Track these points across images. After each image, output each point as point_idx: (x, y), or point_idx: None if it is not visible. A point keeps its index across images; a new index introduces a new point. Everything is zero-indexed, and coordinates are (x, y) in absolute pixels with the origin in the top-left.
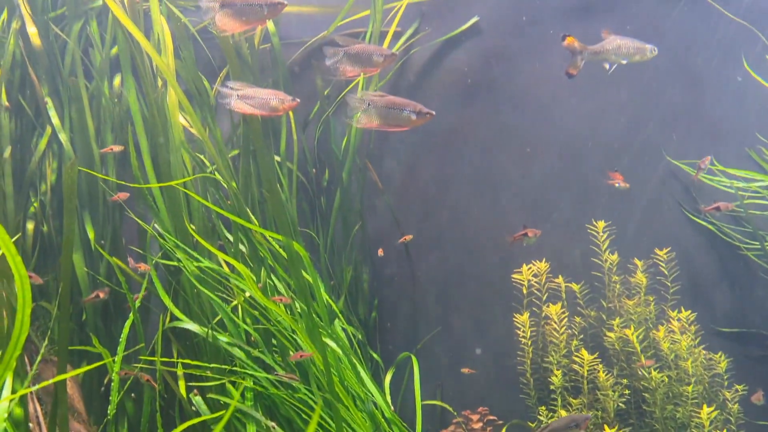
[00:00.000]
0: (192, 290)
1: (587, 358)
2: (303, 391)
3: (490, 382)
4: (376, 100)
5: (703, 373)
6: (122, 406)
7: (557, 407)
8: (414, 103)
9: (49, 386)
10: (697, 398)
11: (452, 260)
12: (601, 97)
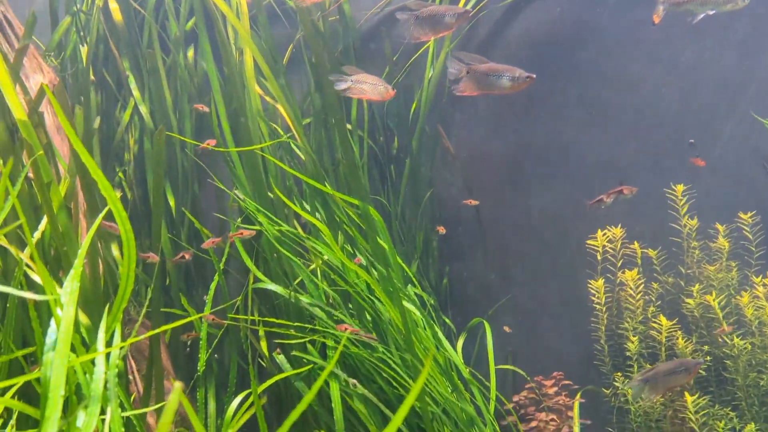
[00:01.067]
0: (272, 254)
1: (665, 324)
2: (381, 351)
3: (563, 349)
4: (476, 67)
5: None
6: (209, 365)
7: (633, 374)
8: (513, 68)
9: (141, 347)
10: None
11: (525, 227)
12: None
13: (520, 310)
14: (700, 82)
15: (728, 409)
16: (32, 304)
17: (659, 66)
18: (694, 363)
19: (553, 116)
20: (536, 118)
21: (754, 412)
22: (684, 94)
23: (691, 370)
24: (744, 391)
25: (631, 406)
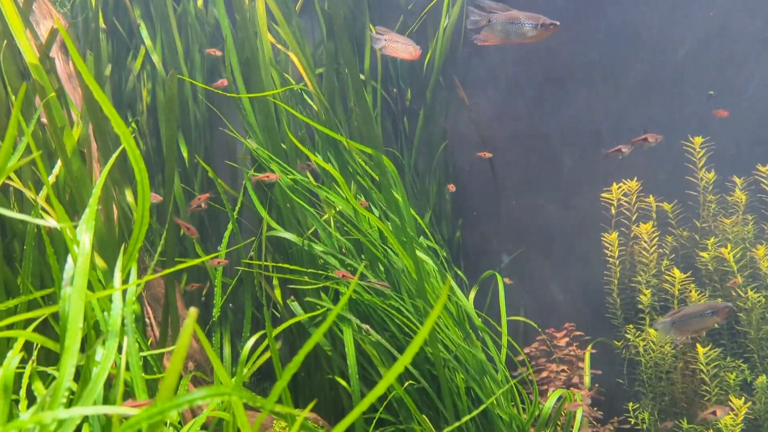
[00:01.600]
0: (285, 204)
1: (678, 277)
2: (394, 298)
3: (575, 303)
4: (497, 16)
5: None
6: (224, 313)
7: (645, 326)
8: (536, 15)
9: (157, 296)
10: None
11: (538, 181)
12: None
13: (533, 264)
14: (717, 32)
15: (740, 361)
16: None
17: (678, 15)
18: (723, 306)
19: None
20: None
21: (766, 364)
22: (701, 45)
23: (719, 313)
24: (756, 344)
25: (642, 358)
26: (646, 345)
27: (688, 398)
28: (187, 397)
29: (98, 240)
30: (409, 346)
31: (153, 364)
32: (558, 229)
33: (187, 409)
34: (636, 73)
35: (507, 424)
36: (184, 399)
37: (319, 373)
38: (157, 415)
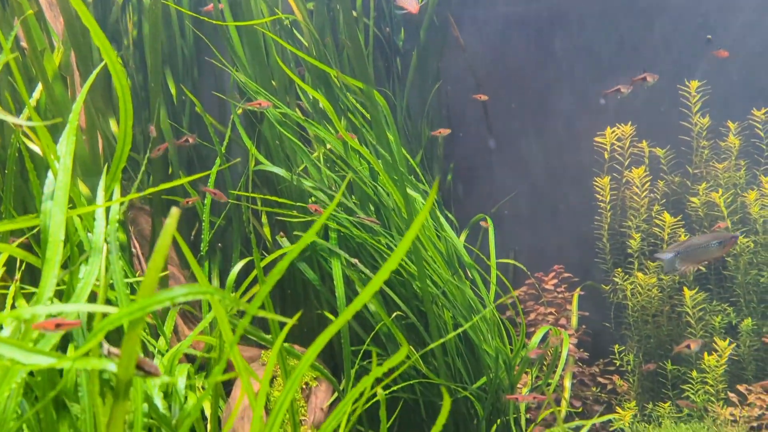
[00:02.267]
0: (274, 141)
1: (668, 221)
2: (384, 235)
3: (564, 247)
4: None
5: None
6: (213, 250)
7: (634, 270)
8: None
9: (144, 232)
10: None
11: (532, 125)
12: None
13: (524, 208)
14: None
15: (726, 305)
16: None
17: None
18: (729, 236)
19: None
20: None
21: (752, 308)
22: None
23: (725, 243)
24: (743, 288)
25: (629, 302)
26: (633, 288)
27: (673, 341)
28: (167, 293)
29: (82, 167)
30: (387, 261)
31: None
32: (551, 174)
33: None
34: (635, 17)
35: (493, 359)
36: (165, 296)
37: (308, 310)
38: (138, 311)
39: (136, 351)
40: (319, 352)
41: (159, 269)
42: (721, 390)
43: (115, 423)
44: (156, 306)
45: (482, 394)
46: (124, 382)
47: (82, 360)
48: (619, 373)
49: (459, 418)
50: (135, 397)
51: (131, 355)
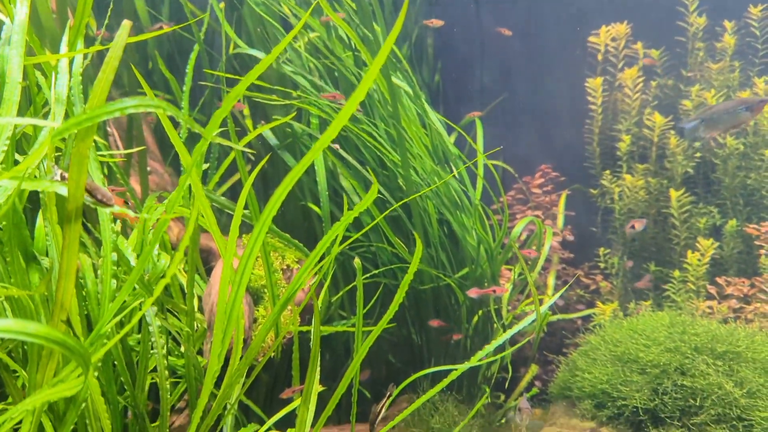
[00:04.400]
0: (256, 29)
1: (659, 122)
2: (367, 123)
3: (553, 149)
4: None
5: None
6: (191, 136)
7: (622, 173)
8: None
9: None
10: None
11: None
12: None
13: (514, 111)
14: None
15: (712, 207)
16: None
17: None
18: (757, 101)
19: None
20: None
21: (737, 210)
22: None
23: (753, 108)
24: (729, 191)
25: (616, 205)
26: (621, 191)
27: (658, 243)
28: (117, 104)
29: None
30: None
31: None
32: (541, 76)
33: None
34: None
35: (475, 248)
36: (115, 107)
37: (292, 204)
38: (86, 120)
39: (85, 170)
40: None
41: (109, 81)
42: (701, 287)
43: (70, 246)
44: (105, 116)
45: (464, 283)
46: (74, 204)
47: (31, 182)
48: (603, 275)
49: (440, 305)
50: (105, 248)
51: (80, 171)
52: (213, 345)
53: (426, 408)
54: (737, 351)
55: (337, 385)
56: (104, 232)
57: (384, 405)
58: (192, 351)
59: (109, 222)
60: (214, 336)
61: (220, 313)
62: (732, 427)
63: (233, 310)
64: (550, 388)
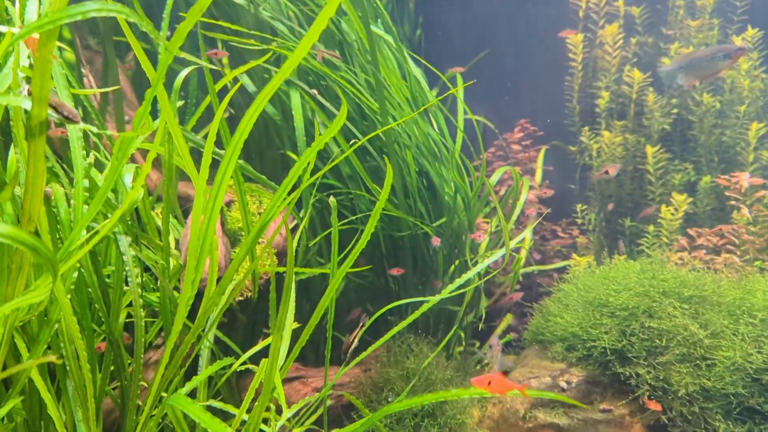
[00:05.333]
0: None
1: (637, 78)
2: (345, 70)
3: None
4: None
5: (758, 96)
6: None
7: (601, 129)
8: None
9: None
10: (747, 120)
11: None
12: None
13: (496, 68)
14: None
15: (687, 164)
16: None
17: None
18: (735, 48)
19: None
20: None
21: (712, 167)
22: None
23: (731, 55)
24: (705, 148)
25: (594, 162)
26: (599, 148)
27: (634, 200)
28: (78, 7)
29: None
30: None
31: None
32: (523, 33)
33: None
34: None
35: (452, 197)
36: (77, 10)
37: (271, 151)
38: (48, 24)
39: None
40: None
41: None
42: (674, 240)
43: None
44: (66, 19)
45: (441, 232)
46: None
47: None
48: (581, 231)
49: (417, 253)
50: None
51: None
52: (186, 271)
53: (402, 350)
54: (703, 295)
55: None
56: (75, 157)
57: (356, 335)
58: (167, 284)
59: (80, 148)
60: (187, 263)
61: (193, 240)
62: (695, 366)
63: (206, 238)
64: (524, 335)
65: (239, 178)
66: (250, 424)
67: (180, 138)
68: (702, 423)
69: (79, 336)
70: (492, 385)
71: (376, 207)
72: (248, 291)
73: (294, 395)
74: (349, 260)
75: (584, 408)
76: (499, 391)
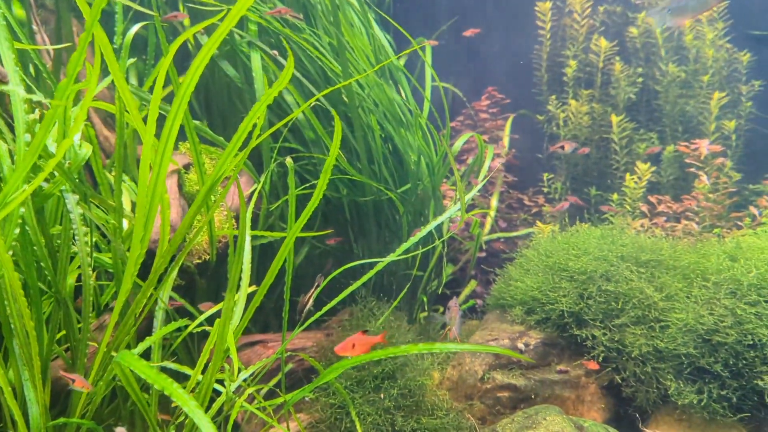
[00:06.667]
0: None
1: (604, 47)
2: (309, 34)
3: (502, 74)
4: None
5: (722, 66)
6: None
7: (568, 98)
8: None
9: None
10: (711, 90)
11: None
12: None
13: (464, 36)
14: None
15: (652, 133)
16: None
17: None
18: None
19: None
20: None
21: (676, 136)
22: None
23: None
24: (670, 118)
25: (561, 131)
26: (566, 117)
27: (599, 168)
28: None
29: None
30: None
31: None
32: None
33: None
34: None
35: (416, 163)
36: None
37: (234, 116)
38: None
39: None
40: None
41: None
42: (637, 208)
43: None
44: None
45: (406, 198)
46: None
47: None
48: (547, 199)
49: (382, 219)
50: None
51: None
52: (135, 228)
53: (364, 314)
54: (660, 259)
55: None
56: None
57: (311, 295)
58: (120, 245)
59: (20, 102)
60: (136, 220)
61: (141, 195)
62: (650, 328)
63: (155, 193)
64: (487, 300)
65: (194, 139)
66: (203, 384)
67: (126, 91)
68: (654, 383)
69: (21, 293)
70: (356, 347)
71: (327, 163)
72: (206, 254)
73: (255, 358)
74: (301, 220)
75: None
76: (363, 348)
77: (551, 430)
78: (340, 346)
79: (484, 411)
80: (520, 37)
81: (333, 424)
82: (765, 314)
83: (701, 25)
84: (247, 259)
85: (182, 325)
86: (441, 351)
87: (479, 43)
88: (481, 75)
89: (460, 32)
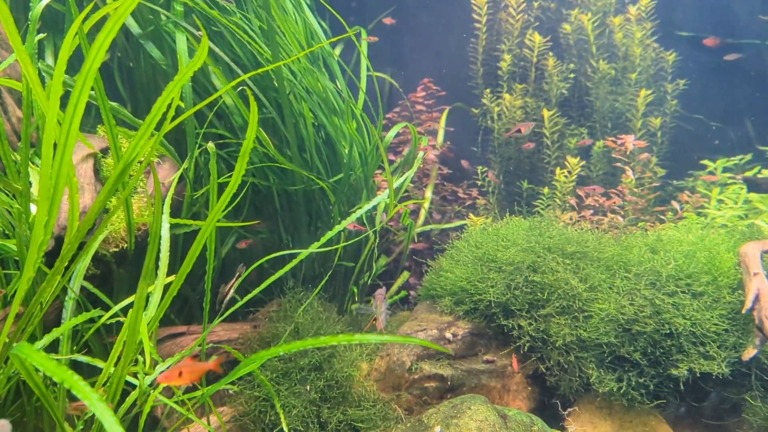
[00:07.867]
0: None
1: (538, 41)
2: (239, 18)
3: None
4: None
5: (650, 65)
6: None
7: (503, 92)
8: None
9: None
10: (639, 87)
11: None
12: None
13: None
14: None
15: (583, 128)
16: None
17: None
18: None
19: None
20: None
21: (605, 132)
22: None
23: None
24: (600, 114)
25: (495, 124)
26: (500, 111)
27: (532, 162)
28: None
29: None
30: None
31: None
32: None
33: None
34: None
35: (348, 153)
36: None
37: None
38: None
39: None
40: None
41: None
42: (566, 202)
43: None
44: None
45: (338, 188)
46: None
47: None
48: (480, 192)
49: (313, 208)
50: None
51: None
52: (38, 212)
53: (292, 305)
54: (585, 251)
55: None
56: None
57: (232, 285)
58: (26, 231)
59: None
60: (39, 203)
61: (44, 177)
62: (573, 318)
63: (59, 173)
64: (418, 291)
65: (111, 121)
66: (115, 377)
67: (29, 66)
68: (577, 371)
69: None
70: (183, 375)
71: (244, 147)
72: (124, 242)
73: (178, 351)
74: (219, 205)
75: (468, 359)
76: (192, 377)
77: (475, 419)
78: (164, 374)
79: (412, 401)
80: (456, 29)
81: (257, 416)
82: (682, 304)
83: (630, 24)
84: (165, 246)
85: (95, 315)
86: (360, 342)
87: (417, 35)
88: (419, 67)
89: (398, 24)
